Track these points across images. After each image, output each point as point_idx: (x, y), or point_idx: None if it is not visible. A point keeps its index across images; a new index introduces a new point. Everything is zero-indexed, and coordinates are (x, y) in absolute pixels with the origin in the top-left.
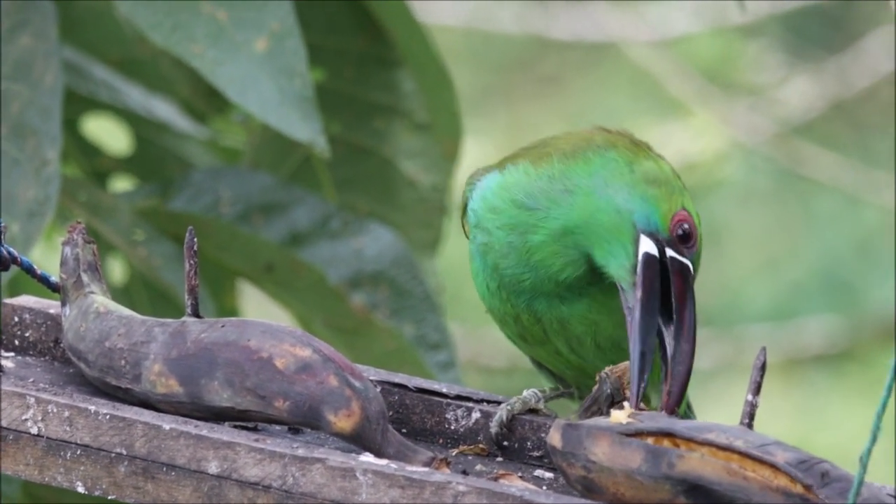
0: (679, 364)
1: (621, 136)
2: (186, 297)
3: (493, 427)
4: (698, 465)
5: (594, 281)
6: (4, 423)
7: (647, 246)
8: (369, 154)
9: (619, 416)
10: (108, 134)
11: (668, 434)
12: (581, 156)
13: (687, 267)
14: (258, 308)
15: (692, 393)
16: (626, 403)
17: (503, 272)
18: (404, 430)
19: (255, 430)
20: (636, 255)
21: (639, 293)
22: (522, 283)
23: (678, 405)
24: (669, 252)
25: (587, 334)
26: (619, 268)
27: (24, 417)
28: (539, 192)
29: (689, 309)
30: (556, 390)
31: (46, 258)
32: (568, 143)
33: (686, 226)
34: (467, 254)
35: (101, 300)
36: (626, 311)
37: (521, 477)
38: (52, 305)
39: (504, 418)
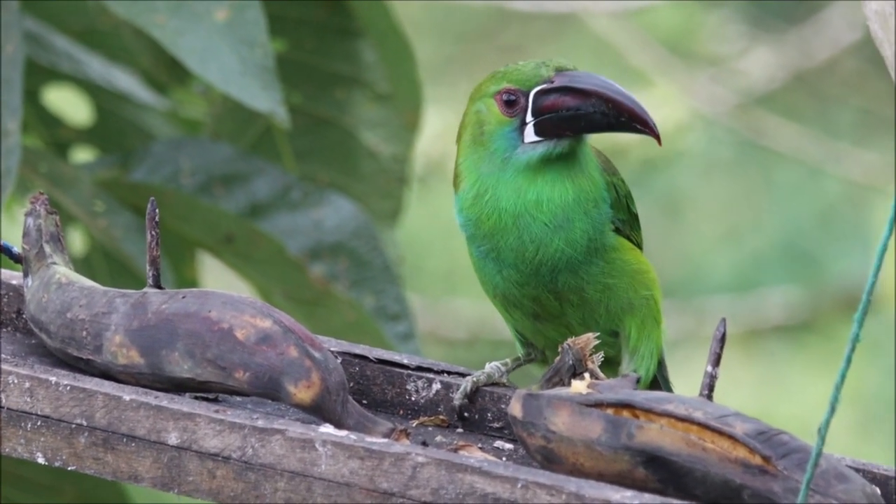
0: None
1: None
2: (147, 267)
3: (457, 399)
4: (657, 436)
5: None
6: None
7: (539, 95)
8: (330, 125)
9: (580, 387)
10: (69, 105)
11: (628, 405)
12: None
13: (549, 89)
14: (218, 279)
15: (668, 364)
16: (586, 374)
17: (520, 264)
18: (365, 402)
19: (215, 401)
20: (535, 115)
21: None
22: (544, 263)
23: (646, 116)
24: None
25: (601, 301)
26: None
27: None
28: (476, 203)
29: (593, 89)
30: (518, 361)
31: (6, 229)
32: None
33: (505, 96)
34: (427, 224)
35: (63, 271)
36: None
37: (480, 448)
38: (14, 276)
39: (468, 390)
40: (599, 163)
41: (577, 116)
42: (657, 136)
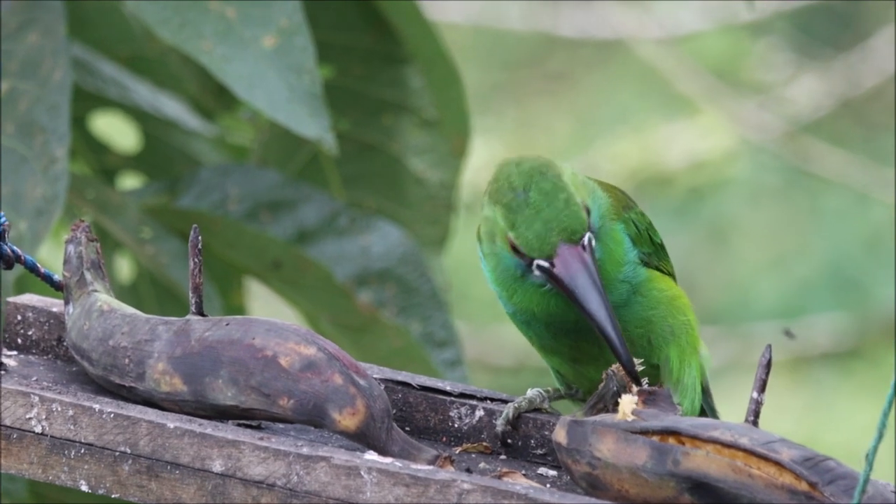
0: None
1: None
2: (190, 295)
3: (499, 425)
4: (703, 462)
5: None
6: (8, 422)
7: (539, 268)
8: (377, 151)
9: (627, 404)
10: (117, 131)
11: (674, 432)
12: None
13: (547, 269)
14: (265, 306)
15: (714, 392)
16: (633, 393)
17: (552, 323)
18: (408, 428)
19: (259, 428)
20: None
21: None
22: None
23: (631, 366)
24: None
25: (643, 336)
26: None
27: (27, 416)
28: (499, 283)
29: (578, 299)
30: (559, 391)
31: (55, 256)
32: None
33: (512, 244)
34: (474, 251)
35: (104, 298)
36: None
37: (524, 475)
38: (55, 304)
39: (510, 416)
40: (611, 203)
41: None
42: (631, 374)
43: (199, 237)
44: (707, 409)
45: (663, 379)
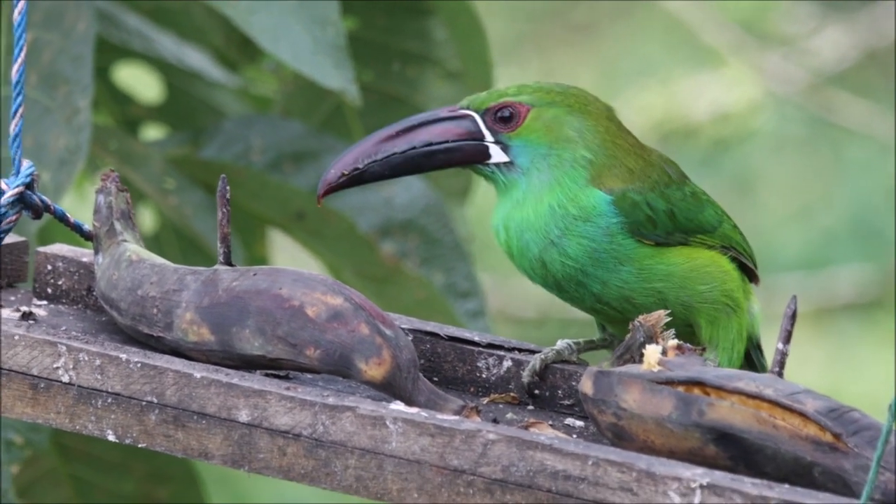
0: None
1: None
2: (218, 245)
3: (526, 376)
4: (728, 413)
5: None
6: (36, 372)
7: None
8: (400, 102)
9: (652, 354)
10: (140, 82)
11: (699, 382)
12: None
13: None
14: (288, 257)
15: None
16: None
17: (540, 281)
18: (436, 379)
19: (286, 378)
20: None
21: None
22: (557, 278)
23: None
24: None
25: (658, 304)
26: None
27: (55, 366)
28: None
29: None
30: (592, 343)
31: (77, 207)
32: None
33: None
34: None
35: (133, 248)
36: None
37: (551, 425)
38: (85, 254)
39: (537, 367)
40: (610, 177)
41: None
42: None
43: (228, 187)
44: (758, 364)
45: (698, 340)
